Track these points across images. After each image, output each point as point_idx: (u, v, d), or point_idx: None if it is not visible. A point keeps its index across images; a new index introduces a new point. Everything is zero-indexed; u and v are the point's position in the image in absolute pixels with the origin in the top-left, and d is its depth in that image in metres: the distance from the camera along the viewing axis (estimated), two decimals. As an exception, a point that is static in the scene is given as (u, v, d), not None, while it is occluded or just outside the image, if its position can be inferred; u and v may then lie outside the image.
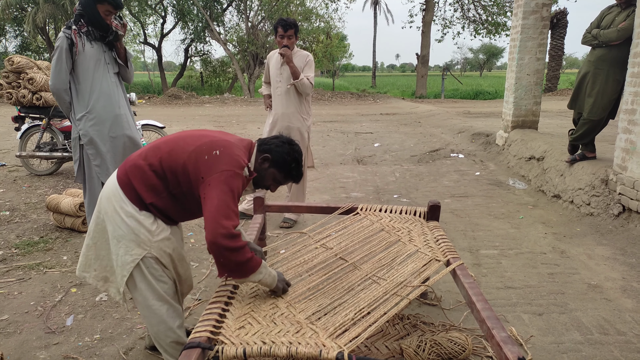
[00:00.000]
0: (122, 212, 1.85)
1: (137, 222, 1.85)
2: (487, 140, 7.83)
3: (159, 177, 1.85)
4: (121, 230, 1.85)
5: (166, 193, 1.87)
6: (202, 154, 1.83)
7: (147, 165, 1.86)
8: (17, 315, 2.67)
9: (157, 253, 1.89)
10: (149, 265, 1.89)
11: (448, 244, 2.43)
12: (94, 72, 3.17)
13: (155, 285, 1.91)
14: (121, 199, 1.86)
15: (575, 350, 2.36)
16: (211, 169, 1.80)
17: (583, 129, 4.69)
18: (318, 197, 5.11)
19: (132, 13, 22.16)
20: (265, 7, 20.69)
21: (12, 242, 3.72)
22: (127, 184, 1.87)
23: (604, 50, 4.45)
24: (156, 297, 1.92)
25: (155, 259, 1.90)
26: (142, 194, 1.85)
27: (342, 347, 1.59)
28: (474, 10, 21.94)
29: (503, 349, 1.57)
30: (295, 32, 3.93)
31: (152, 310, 1.93)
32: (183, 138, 1.92)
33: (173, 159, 1.84)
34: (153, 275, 1.90)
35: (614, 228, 3.94)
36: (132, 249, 1.85)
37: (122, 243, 1.86)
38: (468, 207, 4.74)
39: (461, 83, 26.37)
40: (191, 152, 1.84)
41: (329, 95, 20.50)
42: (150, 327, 1.97)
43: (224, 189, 1.77)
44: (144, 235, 1.86)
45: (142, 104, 16.88)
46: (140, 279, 1.89)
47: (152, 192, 1.86)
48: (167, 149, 1.88)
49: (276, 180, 2.04)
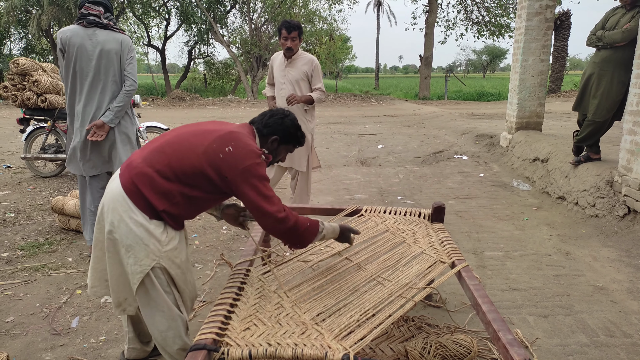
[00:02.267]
0: (131, 222, 1.80)
1: (146, 231, 1.80)
2: (491, 141, 7.82)
3: (170, 182, 1.81)
4: (129, 240, 1.80)
5: (180, 197, 1.83)
6: (216, 154, 1.80)
7: (155, 172, 1.80)
8: (23, 316, 2.68)
9: (166, 264, 1.86)
10: (157, 275, 1.86)
11: (453, 246, 2.42)
12: None
13: (164, 295, 1.89)
14: (129, 208, 1.80)
15: (581, 353, 2.35)
16: (233, 167, 1.79)
17: (588, 131, 4.67)
18: (322, 198, 5.11)
19: (136, 15, 22.26)
20: (268, 9, 20.74)
21: (17, 243, 3.73)
22: (135, 193, 1.80)
23: (609, 52, 4.44)
24: (164, 306, 1.90)
25: (164, 269, 1.87)
26: (154, 201, 1.80)
27: (347, 349, 1.58)
28: (477, 11, 21.93)
29: (509, 351, 1.57)
30: (299, 34, 3.93)
31: (160, 318, 1.91)
32: (185, 138, 1.87)
33: (184, 163, 1.80)
34: (161, 285, 1.88)
35: (619, 230, 3.92)
36: (142, 260, 1.81)
37: (131, 253, 1.81)
38: (472, 209, 4.73)
39: (464, 84, 26.35)
40: (202, 154, 1.80)
41: (332, 97, 20.52)
42: (157, 334, 1.94)
43: (255, 183, 1.80)
44: (153, 245, 1.82)
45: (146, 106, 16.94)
46: (149, 287, 1.86)
47: (164, 198, 1.81)
48: (173, 152, 1.83)
49: (287, 151, 2.15)
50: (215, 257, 3.50)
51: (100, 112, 3.23)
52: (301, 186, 4.21)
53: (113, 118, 3.24)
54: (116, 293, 1.94)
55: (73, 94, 3.23)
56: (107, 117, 3.22)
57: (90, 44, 3.15)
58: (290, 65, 3.98)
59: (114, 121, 3.26)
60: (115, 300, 1.96)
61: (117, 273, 1.89)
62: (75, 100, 3.23)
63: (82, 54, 3.14)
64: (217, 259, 3.45)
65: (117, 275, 1.90)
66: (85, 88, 3.19)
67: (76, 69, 3.16)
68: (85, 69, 3.16)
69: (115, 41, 3.22)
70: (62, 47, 3.13)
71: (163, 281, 1.89)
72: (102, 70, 3.19)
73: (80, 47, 3.13)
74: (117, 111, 3.25)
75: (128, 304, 1.97)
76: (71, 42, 3.11)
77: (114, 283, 1.92)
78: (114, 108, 3.23)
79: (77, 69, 3.16)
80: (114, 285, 1.92)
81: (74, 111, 3.25)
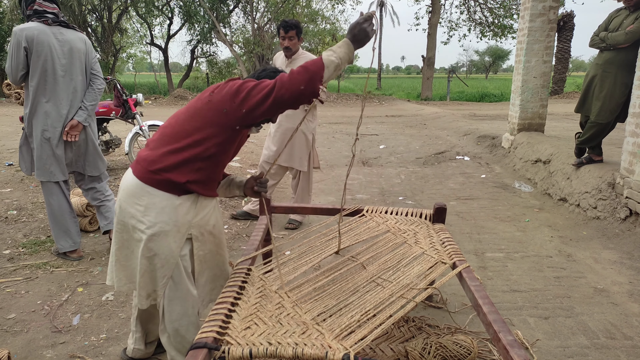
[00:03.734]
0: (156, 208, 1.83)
1: (174, 209, 1.84)
2: (493, 142, 7.81)
3: (182, 152, 1.82)
4: (157, 227, 1.83)
5: (199, 162, 1.84)
6: (213, 96, 1.83)
7: (164, 153, 1.83)
8: (24, 314, 2.69)
9: (197, 233, 1.91)
10: (185, 260, 1.92)
11: (454, 247, 2.42)
12: None
13: (187, 283, 1.94)
14: (150, 194, 1.83)
15: (581, 355, 2.35)
16: (223, 97, 1.80)
17: (590, 132, 4.66)
18: (323, 198, 5.12)
19: (139, 14, 22.29)
20: (271, 9, 20.74)
21: (19, 241, 3.74)
22: (153, 179, 1.83)
23: (612, 53, 4.43)
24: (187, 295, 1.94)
25: (196, 238, 1.92)
26: (175, 178, 1.81)
27: (348, 348, 1.59)
28: (480, 12, 21.91)
29: (509, 353, 1.57)
30: (297, 33, 3.93)
31: (177, 307, 1.94)
32: (181, 112, 1.91)
33: (187, 126, 1.83)
34: (186, 271, 1.93)
35: (621, 232, 3.91)
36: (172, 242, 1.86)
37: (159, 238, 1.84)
38: (474, 210, 4.72)
39: (467, 85, 26.31)
40: (197, 109, 1.84)
41: (335, 97, 20.51)
42: (170, 324, 1.97)
43: (246, 88, 1.77)
44: (182, 218, 1.86)
45: (149, 105, 16.96)
46: (175, 274, 1.91)
47: (184, 170, 1.83)
48: (174, 127, 1.87)
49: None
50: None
51: (73, 112, 3.20)
52: (302, 186, 4.21)
53: (87, 117, 3.25)
54: (144, 288, 1.94)
55: (40, 94, 3.10)
56: (81, 116, 3.21)
57: (58, 42, 3.09)
58: (291, 65, 3.98)
59: (88, 120, 3.27)
60: (143, 293, 1.96)
61: (144, 268, 1.91)
62: (43, 99, 3.11)
63: (52, 53, 3.05)
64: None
65: (143, 270, 1.91)
66: (58, 87, 3.12)
67: (46, 67, 3.05)
68: (56, 68, 3.09)
69: (81, 40, 3.22)
70: (27, 44, 2.97)
71: (188, 266, 1.94)
72: (73, 69, 3.16)
73: (49, 46, 3.04)
74: (90, 110, 3.25)
75: (157, 295, 1.96)
76: (38, 40, 3.00)
77: (142, 278, 1.93)
78: (88, 107, 3.24)
79: (48, 67, 3.06)
80: (142, 280, 1.93)
81: (41, 111, 3.12)
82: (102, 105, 5.83)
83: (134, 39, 27.33)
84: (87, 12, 20.20)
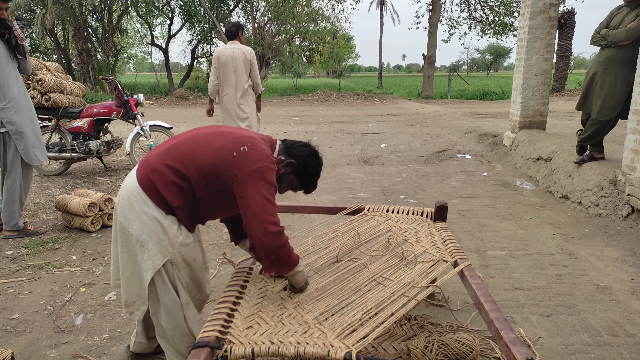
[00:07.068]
0: (146, 217, 1.80)
1: (161, 226, 1.80)
2: (494, 140, 7.80)
3: (183, 179, 1.80)
4: (144, 234, 1.81)
5: (191, 195, 1.83)
6: (230, 152, 1.80)
7: (169, 169, 1.81)
8: (27, 314, 2.70)
9: (178, 259, 1.86)
10: (168, 271, 1.87)
11: (455, 245, 2.42)
12: (6, 66, 3.56)
13: (173, 293, 1.89)
14: (144, 203, 1.81)
15: (583, 352, 2.35)
16: (244, 166, 1.77)
17: (591, 130, 4.66)
18: (325, 197, 5.12)
19: (140, 14, 22.30)
20: (271, 9, 20.74)
21: (21, 241, 3.75)
22: (151, 189, 1.81)
23: (613, 51, 4.42)
24: (172, 304, 1.90)
25: (175, 265, 1.87)
26: (168, 197, 1.80)
27: (350, 347, 1.59)
28: (481, 10, 21.88)
29: (511, 350, 1.57)
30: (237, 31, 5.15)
31: (165, 316, 1.91)
32: (202, 137, 1.88)
33: (198, 159, 1.81)
34: (171, 282, 1.88)
35: (623, 229, 3.91)
36: (155, 255, 1.81)
37: (145, 248, 1.82)
38: (475, 208, 4.72)
39: (468, 83, 26.27)
40: (217, 150, 1.81)
41: (335, 96, 20.52)
42: (167, 331, 1.95)
43: (263, 186, 1.76)
44: (167, 240, 1.82)
45: (150, 105, 16.98)
46: (159, 283, 1.87)
47: (178, 195, 1.81)
48: (188, 150, 1.84)
49: (291, 186, 2.06)
50: (218, 256, 3.51)
51: None
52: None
53: None
54: (127, 293, 1.93)
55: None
56: None
57: None
58: None
59: None
60: (125, 299, 1.95)
61: (130, 271, 1.89)
62: None
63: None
64: (220, 258, 3.46)
65: (129, 273, 1.90)
66: None
67: None
68: None
69: None
70: None
71: (173, 278, 1.89)
72: None
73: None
74: None
75: (136, 308, 1.94)
76: None
77: (125, 282, 1.92)
78: None
79: None
80: (125, 284, 1.92)
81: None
82: (103, 106, 5.83)
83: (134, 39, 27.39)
84: (87, 12, 20.22)
